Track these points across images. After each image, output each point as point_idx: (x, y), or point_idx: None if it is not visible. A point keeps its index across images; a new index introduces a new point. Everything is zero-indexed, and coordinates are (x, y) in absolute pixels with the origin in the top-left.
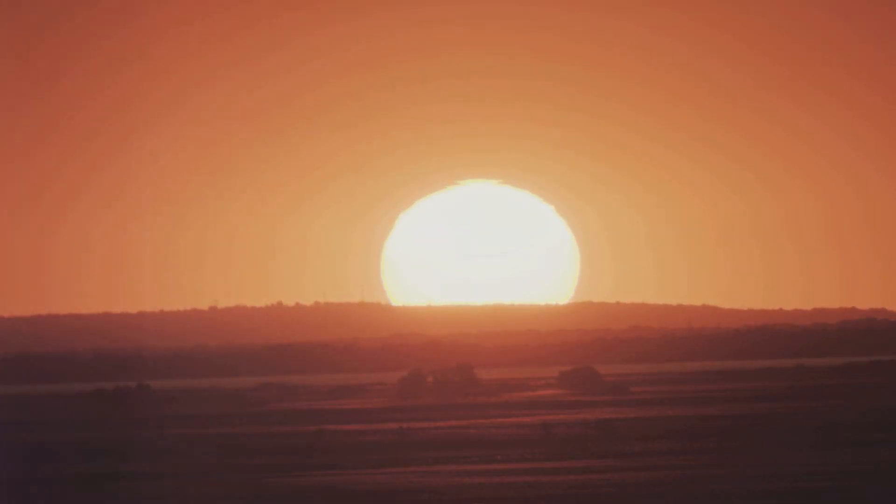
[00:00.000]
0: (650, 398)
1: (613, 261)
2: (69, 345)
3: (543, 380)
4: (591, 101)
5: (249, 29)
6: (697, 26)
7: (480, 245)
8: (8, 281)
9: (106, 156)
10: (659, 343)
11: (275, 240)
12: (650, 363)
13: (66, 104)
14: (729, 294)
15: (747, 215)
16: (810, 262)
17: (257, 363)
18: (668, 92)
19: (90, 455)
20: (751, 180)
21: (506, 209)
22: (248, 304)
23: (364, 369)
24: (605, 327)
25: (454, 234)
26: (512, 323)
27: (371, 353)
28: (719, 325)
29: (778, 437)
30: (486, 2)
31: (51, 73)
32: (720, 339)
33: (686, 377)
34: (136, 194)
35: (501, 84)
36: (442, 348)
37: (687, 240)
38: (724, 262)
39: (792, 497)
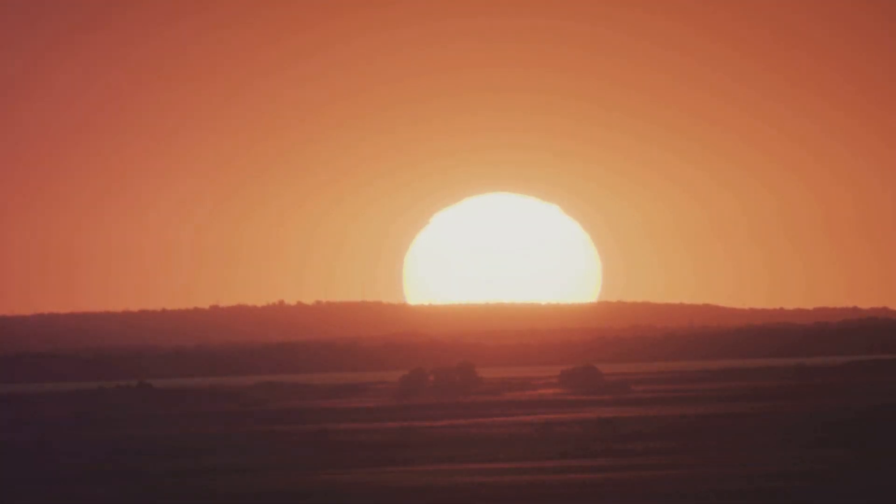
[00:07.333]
0: (651, 397)
1: (616, 261)
2: (70, 344)
3: (544, 379)
4: (594, 107)
5: (274, 37)
6: (700, 36)
7: (499, 249)
8: (8, 281)
9: (107, 155)
10: (660, 342)
11: (276, 239)
12: (651, 362)
13: (68, 104)
14: (731, 293)
15: (749, 216)
16: (812, 262)
17: (259, 362)
18: (671, 98)
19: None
20: (753, 182)
21: (521, 214)
22: (249, 303)
23: (366, 368)
24: (606, 326)
25: (473, 240)
26: (517, 321)
27: (373, 352)
28: (721, 324)
29: (779, 435)
30: (503, 19)
31: (51, 72)
32: (722, 339)
33: (687, 376)
34: (137, 194)
35: (498, 97)
36: (445, 347)
37: (689, 240)
38: (726, 262)
39: (793, 495)
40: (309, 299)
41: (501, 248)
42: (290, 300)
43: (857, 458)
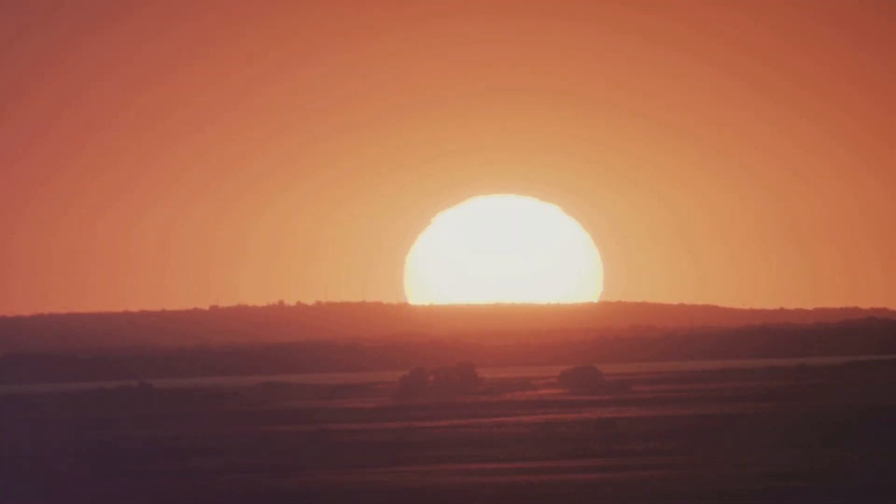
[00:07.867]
0: (651, 397)
1: (616, 261)
2: (70, 344)
3: (545, 379)
4: (594, 107)
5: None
6: (700, 36)
7: (500, 249)
8: (8, 281)
9: (106, 155)
10: (660, 342)
11: (276, 239)
12: (651, 362)
13: (66, 103)
14: (731, 293)
15: (750, 215)
16: (812, 262)
17: (259, 362)
18: (672, 98)
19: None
20: (753, 182)
21: (521, 215)
22: (249, 303)
23: (366, 368)
24: (606, 326)
25: (474, 240)
26: (517, 321)
27: (373, 352)
28: (721, 324)
29: (779, 435)
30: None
31: (49, 71)
32: (722, 339)
33: (687, 376)
34: (137, 194)
35: (499, 97)
36: (445, 347)
37: (689, 240)
38: (727, 262)
39: (793, 495)
40: (309, 299)
41: (502, 248)
42: (290, 300)
43: (857, 458)
